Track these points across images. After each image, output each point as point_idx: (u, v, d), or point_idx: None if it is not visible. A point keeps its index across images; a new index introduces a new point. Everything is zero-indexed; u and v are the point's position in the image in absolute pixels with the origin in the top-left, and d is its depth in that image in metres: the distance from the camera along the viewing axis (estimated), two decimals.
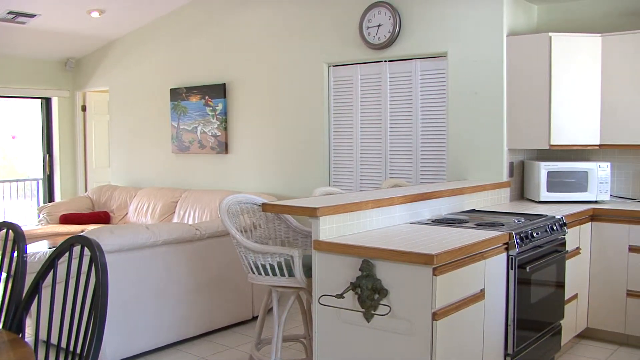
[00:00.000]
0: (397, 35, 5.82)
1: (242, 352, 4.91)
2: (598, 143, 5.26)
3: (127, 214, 7.87)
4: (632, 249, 4.87)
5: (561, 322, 4.49)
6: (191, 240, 5.10)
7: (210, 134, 7.49)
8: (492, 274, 3.62)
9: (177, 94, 7.81)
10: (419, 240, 3.45)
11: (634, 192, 5.46)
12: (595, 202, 5.26)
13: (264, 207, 3.81)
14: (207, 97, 7.48)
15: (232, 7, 7.20)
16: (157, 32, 8.08)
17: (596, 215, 5.02)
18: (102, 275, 2.37)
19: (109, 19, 7.80)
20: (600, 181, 5.22)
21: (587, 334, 5.12)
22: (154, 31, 8.12)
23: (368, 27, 5.97)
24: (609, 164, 5.26)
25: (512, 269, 3.76)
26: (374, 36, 5.94)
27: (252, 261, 3.93)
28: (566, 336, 4.65)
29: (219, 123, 7.39)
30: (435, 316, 3.09)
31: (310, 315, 4.09)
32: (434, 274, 3.06)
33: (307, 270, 3.72)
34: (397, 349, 3.20)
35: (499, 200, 5.27)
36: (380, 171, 6.11)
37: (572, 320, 4.79)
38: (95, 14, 7.53)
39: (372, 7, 5.93)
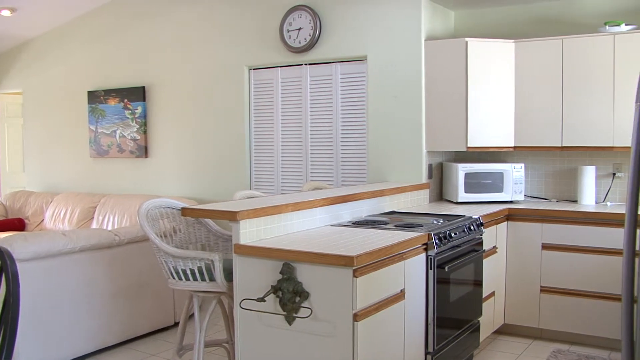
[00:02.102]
0: (318, 39, 5.85)
1: (164, 359, 4.83)
2: (513, 145, 5.42)
3: (43, 220, 7.63)
4: (545, 246, 5.04)
5: (479, 319, 4.60)
6: (110, 246, 4.99)
7: (129, 138, 7.35)
8: (412, 274, 3.68)
9: (95, 97, 7.63)
10: (340, 242, 3.47)
11: (546, 192, 5.66)
12: (511, 202, 5.43)
13: (184, 211, 3.76)
14: (126, 100, 7.34)
15: (152, 8, 7.08)
16: (75, 33, 7.87)
17: (511, 215, 5.17)
18: (13, 285, 2.29)
19: (22, 18, 7.54)
20: (515, 182, 5.38)
21: (504, 330, 5.27)
22: (71, 31, 7.90)
23: (289, 31, 5.98)
24: (523, 165, 5.43)
25: (431, 268, 3.83)
26: (295, 39, 5.95)
27: (173, 266, 3.87)
28: (484, 333, 4.78)
29: (138, 126, 7.25)
30: (356, 317, 3.11)
31: (232, 320, 4.06)
32: (354, 276, 3.09)
33: (228, 274, 3.69)
34: (319, 351, 3.21)
35: (419, 202, 5.37)
36: (301, 174, 6.13)
37: (490, 317, 4.93)
38: (5, 12, 7.26)
39: (292, 10, 5.95)
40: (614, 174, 5.40)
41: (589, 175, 5.28)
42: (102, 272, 4.90)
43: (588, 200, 5.29)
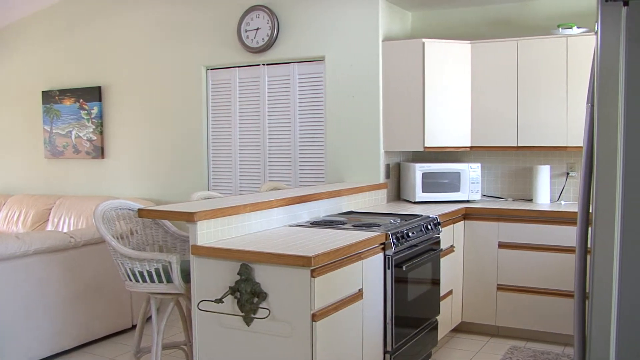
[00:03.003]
0: (276, 39, 5.85)
1: None
2: (469, 145, 5.49)
3: None
4: (501, 245, 5.12)
5: (437, 317, 4.65)
6: (65, 248, 4.91)
7: (85, 138, 7.24)
8: (370, 273, 3.70)
9: (50, 97, 7.50)
10: (297, 242, 3.47)
11: (502, 191, 5.74)
12: (468, 201, 5.50)
13: (141, 212, 3.72)
14: (81, 100, 7.23)
15: (107, 7, 6.99)
16: (28, 31, 7.72)
17: (468, 214, 5.24)
18: None
19: None
20: (471, 181, 5.45)
21: (462, 328, 5.33)
22: (24, 30, 7.75)
23: (246, 31, 5.96)
24: (479, 164, 5.50)
25: (389, 268, 3.86)
26: (252, 39, 5.93)
27: (129, 268, 3.83)
28: (442, 331, 4.83)
29: (94, 127, 7.15)
30: (315, 317, 3.12)
31: (190, 322, 4.03)
32: (312, 276, 3.09)
33: (186, 275, 3.67)
34: (277, 352, 3.21)
35: (377, 202, 5.40)
36: (259, 174, 6.11)
37: (448, 315, 4.98)
38: None
39: (250, 10, 5.93)
40: (568, 173, 5.51)
41: (543, 174, 5.37)
42: (58, 275, 4.82)
43: (543, 199, 5.39)
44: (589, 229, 2.28)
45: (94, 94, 7.13)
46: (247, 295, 3.22)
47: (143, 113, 6.81)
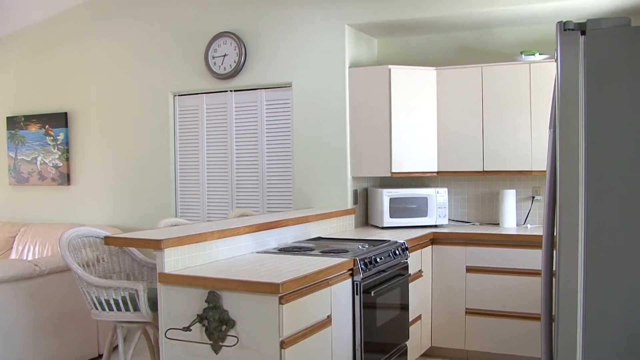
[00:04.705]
0: (243, 66, 5.86)
1: None
2: (436, 170, 5.54)
3: None
4: (469, 269, 5.15)
5: (407, 342, 4.64)
6: (30, 277, 4.82)
7: (51, 165, 7.16)
8: (338, 300, 3.70)
9: (15, 123, 7.41)
10: (265, 269, 3.46)
11: (469, 215, 5.79)
12: (435, 226, 5.53)
13: (107, 240, 3.68)
14: (47, 126, 7.16)
15: (74, 32, 6.95)
16: None
17: (436, 239, 5.27)
18: None
19: None
20: (439, 206, 5.49)
21: (431, 353, 5.33)
22: None
23: (214, 57, 5.97)
24: (446, 189, 5.55)
25: (357, 294, 3.86)
26: (220, 66, 5.94)
27: (95, 297, 3.79)
28: (412, 356, 4.82)
29: (60, 153, 7.08)
30: (283, 345, 3.10)
31: (157, 350, 3.99)
32: (280, 303, 3.08)
33: (153, 304, 3.63)
34: None
35: (345, 227, 5.41)
36: (227, 201, 6.09)
37: (417, 340, 4.98)
38: None
39: (217, 36, 5.95)
40: (534, 197, 5.58)
41: (509, 198, 5.44)
42: (22, 304, 4.73)
43: (509, 223, 5.44)
44: (554, 252, 2.31)
45: (60, 120, 7.06)
46: (215, 323, 3.19)
47: (110, 139, 6.76)
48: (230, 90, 6.04)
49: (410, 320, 4.75)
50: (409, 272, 4.67)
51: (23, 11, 6.95)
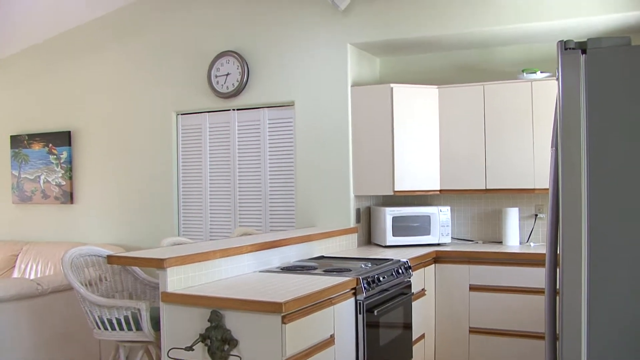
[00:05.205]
0: (245, 84, 5.89)
1: None
2: (439, 188, 5.54)
3: None
4: (472, 287, 5.13)
5: None
6: (32, 296, 4.82)
7: (54, 183, 7.18)
8: (341, 319, 3.68)
9: (19, 142, 7.44)
10: (268, 288, 3.45)
11: (472, 234, 5.78)
12: (438, 244, 5.52)
13: (110, 259, 3.68)
14: (51, 145, 7.18)
15: (76, 52, 7.00)
16: None
17: (439, 257, 5.25)
18: None
19: None
20: (442, 225, 5.48)
21: None
22: None
23: (217, 76, 6.00)
24: (449, 207, 5.55)
25: (360, 313, 3.84)
26: (222, 85, 5.97)
27: (98, 316, 3.78)
28: None
29: (63, 172, 7.10)
30: None
31: None
32: (283, 322, 3.07)
33: (156, 323, 3.62)
34: None
35: (347, 246, 5.40)
36: (229, 220, 6.09)
37: (421, 359, 4.95)
38: None
39: (220, 55, 5.98)
40: (536, 215, 5.57)
41: (512, 216, 5.43)
42: (24, 323, 4.73)
43: (512, 241, 5.43)
44: (558, 270, 2.30)
45: (63, 138, 7.09)
46: (218, 343, 3.18)
47: (113, 158, 6.78)
48: (233, 109, 6.06)
49: (413, 339, 4.72)
50: (412, 291, 4.65)
51: (27, 31, 6.99)
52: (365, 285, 3.85)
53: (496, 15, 5.06)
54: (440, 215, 5.48)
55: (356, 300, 3.84)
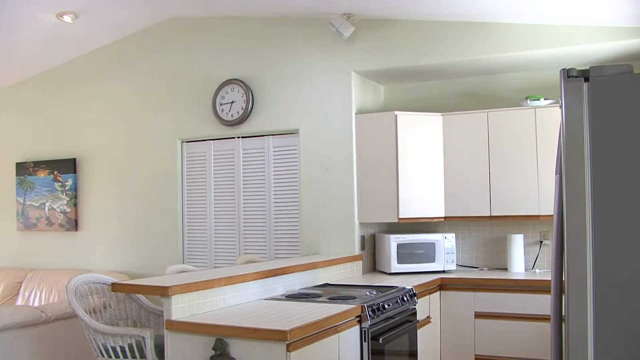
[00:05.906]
0: (250, 112, 5.92)
1: None
2: (443, 215, 5.54)
3: None
4: (477, 315, 5.10)
5: None
6: (36, 323, 4.82)
7: (59, 211, 7.19)
8: (346, 347, 3.66)
9: (24, 169, 7.47)
10: (273, 316, 3.44)
11: (477, 261, 5.77)
12: (443, 271, 5.50)
13: (114, 286, 3.68)
14: (56, 172, 7.21)
15: (83, 81, 7.05)
16: (2, 103, 7.74)
17: (444, 285, 5.23)
18: None
19: None
20: (446, 252, 5.47)
21: None
22: None
23: (221, 104, 6.03)
24: (454, 235, 5.54)
25: (365, 341, 3.82)
26: (227, 113, 6.00)
27: (102, 344, 3.77)
28: None
29: (68, 199, 7.12)
30: None
31: None
32: (288, 350, 3.06)
33: (160, 351, 3.61)
34: None
35: (352, 273, 5.39)
36: (234, 247, 6.08)
37: None
38: None
39: (225, 84, 6.02)
40: (542, 242, 5.55)
41: (517, 243, 5.42)
42: (28, 351, 4.71)
43: (518, 268, 5.41)
44: (563, 297, 2.30)
45: (68, 165, 7.12)
46: None
47: (118, 185, 6.80)
48: (238, 137, 6.09)
49: None
50: (418, 319, 4.63)
51: (32, 59, 7.06)
52: (370, 312, 3.84)
53: (499, 43, 5.10)
54: (445, 242, 5.47)
55: (361, 328, 3.82)
